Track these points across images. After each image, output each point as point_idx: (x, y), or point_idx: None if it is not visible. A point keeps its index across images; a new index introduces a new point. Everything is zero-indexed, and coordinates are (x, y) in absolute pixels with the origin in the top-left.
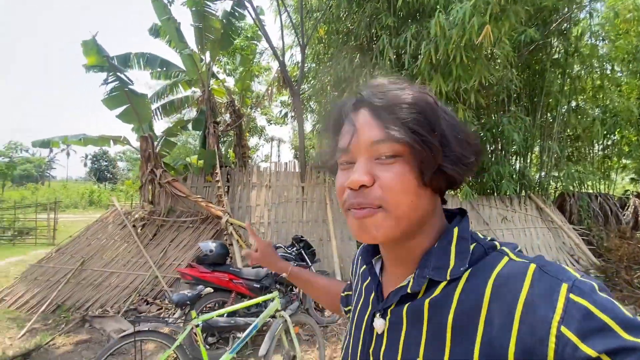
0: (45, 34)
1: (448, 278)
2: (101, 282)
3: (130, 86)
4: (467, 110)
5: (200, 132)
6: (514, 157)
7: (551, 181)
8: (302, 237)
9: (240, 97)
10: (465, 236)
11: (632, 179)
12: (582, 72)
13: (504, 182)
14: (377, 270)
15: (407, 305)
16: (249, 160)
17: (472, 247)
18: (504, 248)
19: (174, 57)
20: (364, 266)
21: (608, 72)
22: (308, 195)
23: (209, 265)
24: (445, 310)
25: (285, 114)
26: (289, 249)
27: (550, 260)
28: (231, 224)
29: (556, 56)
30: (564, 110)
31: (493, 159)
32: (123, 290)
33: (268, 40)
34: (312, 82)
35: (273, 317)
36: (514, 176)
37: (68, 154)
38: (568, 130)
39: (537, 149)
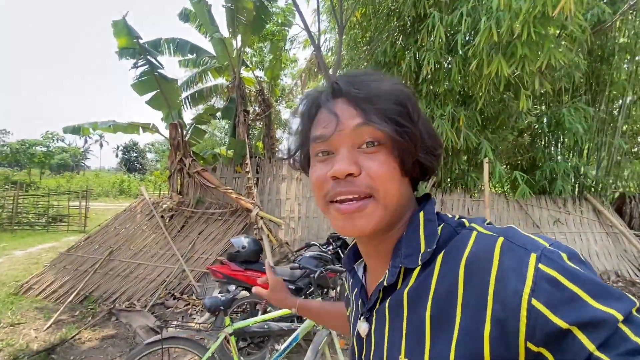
0: (71, 20)
1: (420, 263)
2: (128, 273)
3: (160, 70)
4: (530, 98)
5: (229, 122)
6: (569, 153)
7: (611, 181)
8: (339, 235)
9: (270, 86)
10: (431, 218)
11: None
12: None
13: (559, 180)
14: (360, 274)
15: (388, 300)
16: (278, 152)
17: (440, 228)
18: (472, 224)
19: (204, 44)
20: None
21: None
22: None
23: (241, 263)
24: (423, 300)
25: None
26: (325, 247)
27: (522, 231)
28: (261, 217)
29: (622, 40)
30: (628, 101)
31: (546, 154)
32: (150, 283)
33: (303, 20)
34: (345, 69)
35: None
36: (570, 175)
37: (101, 145)
38: (629, 125)
39: (593, 144)
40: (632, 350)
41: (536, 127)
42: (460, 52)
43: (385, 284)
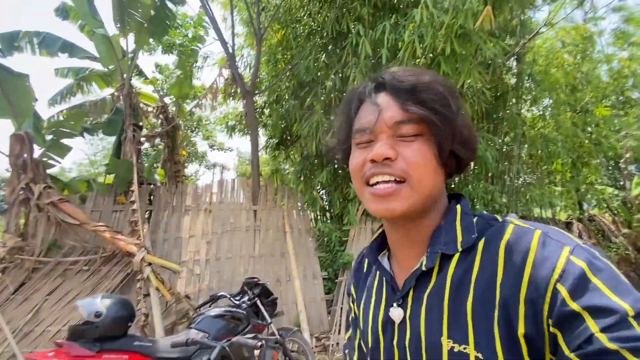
0: None
1: (460, 249)
2: None
3: None
4: None
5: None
6: (482, 179)
7: (518, 204)
8: (257, 280)
9: (176, 105)
10: (467, 212)
11: (566, 206)
12: (534, 99)
13: (477, 205)
14: (386, 265)
15: (429, 289)
16: (184, 181)
17: (475, 220)
18: (507, 218)
19: (91, 48)
20: (370, 273)
21: (546, 103)
22: (262, 222)
23: (94, 342)
24: (465, 285)
25: (233, 127)
26: (238, 298)
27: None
28: (149, 263)
29: (513, 80)
30: (521, 134)
31: (462, 179)
32: None
33: (215, 28)
34: (266, 92)
35: None
36: (484, 199)
37: None
38: (524, 155)
39: (498, 171)
40: (632, 337)
41: None
42: (387, 67)
43: (423, 268)
